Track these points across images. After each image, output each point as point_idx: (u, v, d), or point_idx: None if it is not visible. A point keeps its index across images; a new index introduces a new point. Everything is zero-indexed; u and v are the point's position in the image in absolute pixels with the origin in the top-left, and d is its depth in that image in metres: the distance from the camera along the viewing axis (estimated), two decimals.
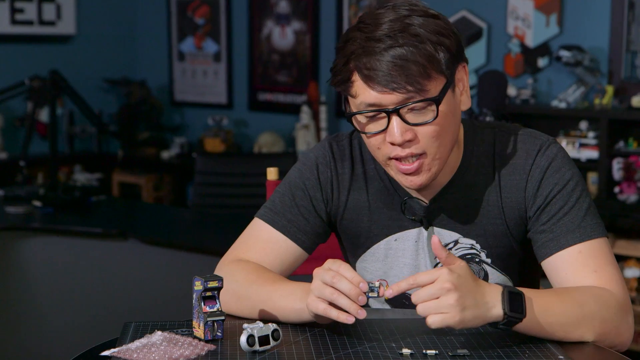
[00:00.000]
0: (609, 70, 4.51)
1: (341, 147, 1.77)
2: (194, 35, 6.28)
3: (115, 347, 1.46)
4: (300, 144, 5.45)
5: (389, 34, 1.53)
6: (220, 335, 1.51)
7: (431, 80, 1.54)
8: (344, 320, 1.45)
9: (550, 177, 1.65)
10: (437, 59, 1.54)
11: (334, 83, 1.61)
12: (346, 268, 1.48)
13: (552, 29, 4.70)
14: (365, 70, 1.54)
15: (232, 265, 1.70)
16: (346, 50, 1.57)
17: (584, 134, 4.47)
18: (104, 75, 6.29)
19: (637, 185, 4.34)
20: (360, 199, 1.75)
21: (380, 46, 1.53)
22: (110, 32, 6.38)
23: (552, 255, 1.62)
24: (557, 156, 1.66)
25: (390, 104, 1.54)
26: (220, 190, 4.34)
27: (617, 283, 1.60)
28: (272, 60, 5.90)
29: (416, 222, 1.71)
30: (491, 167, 1.69)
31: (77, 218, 3.79)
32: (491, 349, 1.48)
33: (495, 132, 1.71)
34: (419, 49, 1.52)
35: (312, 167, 1.77)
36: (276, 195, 1.78)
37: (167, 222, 4.02)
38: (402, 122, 1.55)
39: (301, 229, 1.74)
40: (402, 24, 1.54)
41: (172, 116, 6.49)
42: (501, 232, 1.69)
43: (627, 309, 1.58)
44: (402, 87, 1.52)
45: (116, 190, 6.04)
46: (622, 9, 4.44)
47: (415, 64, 1.52)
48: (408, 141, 1.57)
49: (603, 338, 1.54)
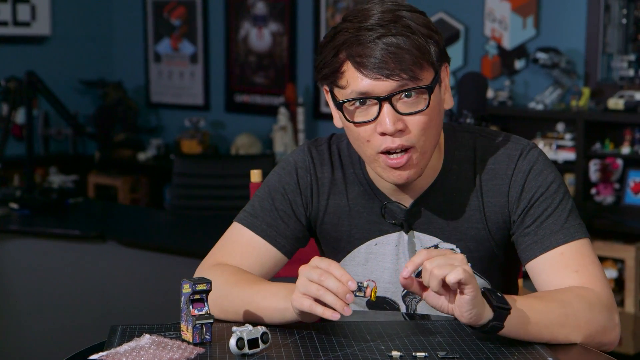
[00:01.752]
0: (585, 72, 4.54)
1: (320, 152, 1.77)
2: (170, 36, 6.26)
3: (103, 350, 1.45)
4: (278, 146, 5.44)
5: (381, 24, 1.54)
6: (209, 339, 1.50)
7: (423, 70, 1.56)
8: (329, 316, 1.44)
9: (533, 180, 1.66)
10: (428, 50, 1.56)
11: (321, 77, 1.61)
12: (336, 266, 1.48)
13: (529, 31, 4.73)
14: (358, 57, 1.54)
15: (212, 270, 1.69)
16: (336, 42, 1.57)
17: (561, 135, 4.50)
18: (79, 76, 6.26)
19: (614, 187, 4.37)
20: (340, 204, 1.74)
21: (372, 35, 1.54)
22: (85, 33, 6.35)
23: (536, 258, 1.63)
24: (538, 160, 1.67)
25: (383, 92, 1.55)
26: (198, 192, 4.33)
27: (600, 282, 1.60)
28: (249, 61, 5.89)
29: (396, 226, 1.71)
30: (472, 172, 1.69)
31: (54, 220, 3.76)
32: (480, 352, 1.48)
33: (475, 136, 1.72)
34: (412, 39, 1.54)
35: (291, 172, 1.76)
36: (255, 200, 1.77)
37: (146, 224, 4.00)
38: (393, 111, 1.55)
39: (281, 233, 1.73)
40: (393, 15, 1.55)
41: (148, 118, 6.46)
42: (482, 236, 1.69)
43: (611, 307, 1.59)
44: (395, 74, 1.53)
45: (92, 192, 6.01)
46: (598, 11, 4.47)
47: (409, 53, 1.53)
48: (399, 131, 1.56)
49: (590, 338, 1.54)
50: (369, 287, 1.48)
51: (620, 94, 4.31)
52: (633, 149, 4.31)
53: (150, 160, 6.01)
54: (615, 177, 4.38)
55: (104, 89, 6.18)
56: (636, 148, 4.30)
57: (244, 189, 4.31)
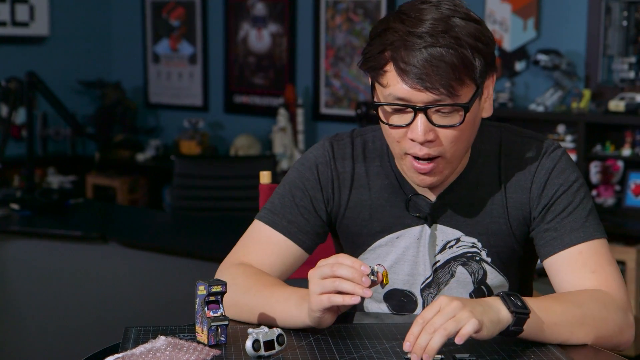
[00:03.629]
0: (586, 75, 4.55)
1: (342, 146, 1.76)
2: (169, 37, 6.25)
3: (119, 352, 1.44)
4: (277, 147, 5.44)
5: (431, 32, 1.52)
6: (224, 340, 1.50)
7: (463, 86, 1.54)
8: (349, 301, 1.44)
9: (556, 177, 1.66)
10: (473, 65, 1.54)
11: (366, 67, 1.60)
12: (344, 256, 1.49)
13: (530, 33, 4.73)
14: (402, 63, 1.53)
15: (233, 269, 1.69)
16: (384, 39, 1.56)
17: (562, 137, 4.50)
18: (78, 76, 6.24)
19: (615, 189, 4.38)
20: (362, 198, 1.74)
21: (420, 43, 1.52)
22: (84, 34, 6.33)
23: (555, 255, 1.64)
24: (561, 159, 1.68)
25: (420, 102, 1.54)
26: (199, 193, 4.32)
27: (616, 283, 1.61)
28: (248, 62, 5.88)
29: (420, 220, 1.71)
30: (497, 166, 1.70)
31: (55, 221, 3.75)
32: (496, 354, 1.48)
33: (502, 131, 1.72)
34: (458, 52, 1.52)
35: (311, 167, 1.76)
36: (276, 197, 1.77)
37: (147, 224, 3.99)
38: (427, 122, 1.55)
39: (302, 229, 1.73)
40: (445, 24, 1.53)
41: (147, 118, 6.45)
42: (504, 231, 1.70)
43: (626, 308, 1.60)
44: (434, 87, 1.52)
45: (90, 193, 5.99)
46: (598, 13, 4.47)
47: (452, 67, 1.52)
48: (429, 141, 1.57)
49: (606, 339, 1.55)
50: (379, 272, 1.48)
51: (621, 96, 4.31)
52: (634, 151, 4.31)
53: (149, 161, 5.99)
54: (616, 179, 4.38)
55: (103, 90, 6.17)
56: (637, 150, 4.30)
57: (245, 190, 4.36)
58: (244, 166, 4.50)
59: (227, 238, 3.54)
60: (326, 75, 5.52)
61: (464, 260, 1.71)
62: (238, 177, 4.38)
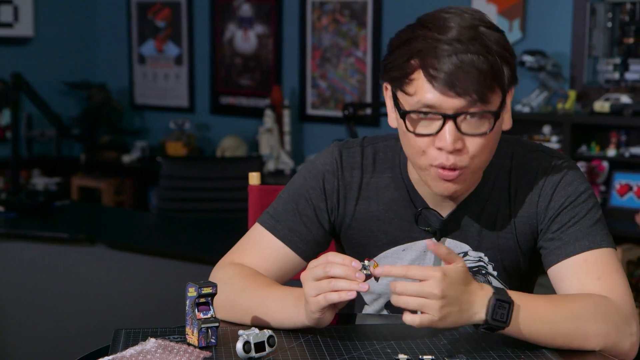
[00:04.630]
0: (571, 76, 4.57)
1: (351, 155, 1.74)
2: (155, 38, 6.23)
3: (109, 354, 1.44)
4: (264, 148, 5.43)
5: (460, 39, 1.50)
6: (215, 342, 1.50)
7: (493, 94, 1.52)
8: (346, 297, 1.45)
9: (562, 190, 1.65)
10: (502, 73, 1.53)
11: (388, 78, 1.58)
12: (333, 254, 1.48)
13: (515, 34, 4.75)
14: (432, 70, 1.50)
15: (229, 269, 1.69)
16: (410, 47, 1.53)
17: (547, 138, 4.51)
18: (63, 78, 6.22)
19: (600, 189, 4.40)
20: (369, 209, 1.72)
21: (450, 49, 1.50)
22: (69, 34, 6.31)
23: (559, 263, 1.62)
24: (568, 172, 1.67)
25: (450, 109, 1.52)
26: (186, 195, 4.31)
27: (622, 291, 1.59)
28: (234, 63, 5.88)
29: (427, 233, 1.70)
30: (507, 182, 1.69)
31: (41, 223, 3.74)
32: (487, 355, 1.48)
33: (514, 146, 1.71)
34: (489, 60, 1.50)
35: (317, 176, 1.73)
36: (279, 202, 1.75)
37: (134, 226, 3.98)
38: (455, 130, 1.53)
39: (302, 238, 1.72)
40: (474, 32, 1.51)
41: (132, 120, 6.43)
42: (511, 246, 1.69)
43: (630, 318, 1.56)
44: (466, 93, 1.50)
45: (76, 195, 5.97)
46: (583, 14, 4.49)
47: (483, 74, 1.49)
48: (457, 150, 1.54)
49: (605, 345, 1.53)
50: (370, 266, 1.49)
51: (606, 96, 4.33)
52: (619, 152, 4.33)
53: (135, 163, 5.98)
54: (601, 180, 4.40)
55: (88, 91, 6.14)
56: (622, 150, 4.32)
57: (232, 191, 4.36)
58: (230, 167, 4.50)
59: (214, 239, 3.54)
60: (312, 76, 5.53)
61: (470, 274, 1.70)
62: (225, 178, 4.37)
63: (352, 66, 5.35)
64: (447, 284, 1.43)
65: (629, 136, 4.38)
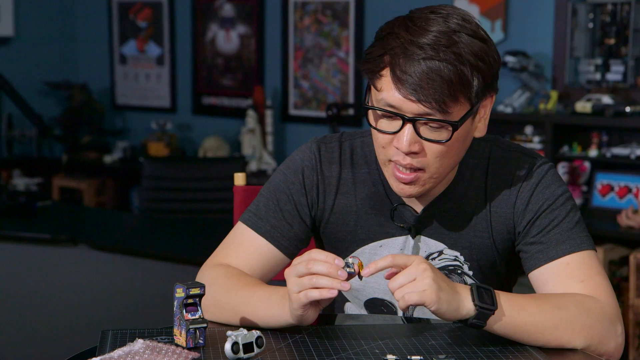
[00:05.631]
0: (553, 76, 4.59)
1: (329, 150, 1.75)
2: (137, 38, 6.21)
3: (96, 356, 1.43)
4: (246, 148, 5.42)
5: (432, 45, 1.50)
6: (202, 343, 1.49)
7: (456, 104, 1.52)
8: (327, 294, 1.45)
9: (540, 193, 1.65)
10: (470, 84, 1.52)
11: (364, 68, 1.58)
12: (317, 251, 1.48)
13: (497, 34, 4.76)
14: (399, 71, 1.51)
15: (214, 270, 1.69)
16: (386, 43, 1.54)
17: (530, 138, 4.53)
18: (43, 78, 6.18)
19: (582, 189, 4.42)
20: (347, 204, 1.73)
21: (420, 53, 1.50)
22: (50, 34, 6.27)
23: (540, 267, 1.62)
24: (547, 174, 1.67)
25: (410, 113, 1.53)
26: (168, 195, 4.30)
27: (606, 293, 1.59)
28: (216, 64, 5.86)
29: (404, 230, 1.71)
30: (483, 181, 1.69)
31: (23, 224, 3.72)
32: (475, 355, 1.48)
33: (491, 145, 1.71)
34: (457, 69, 1.50)
35: (297, 171, 1.75)
36: (260, 200, 1.76)
37: (116, 227, 3.96)
38: (414, 133, 1.54)
39: (284, 234, 1.72)
40: (449, 38, 1.50)
41: (114, 120, 6.40)
42: (486, 245, 1.69)
43: (613, 318, 1.57)
44: (427, 100, 1.50)
45: (57, 195, 5.93)
46: (565, 15, 4.51)
47: (448, 83, 1.49)
48: (413, 152, 1.55)
49: (586, 345, 1.53)
50: (355, 264, 1.48)
51: (588, 97, 4.35)
52: (600, 152, 4.35)
53: (117, 163, 5.95)
54: (583, 180, 4.42)
55: (69, 91, 6.11)
56: (604, 151, 4.34)
57: (215, 192, 4.35)
58: (213, 168, 4.48)
59: (197, 240, 3.54)
60: (295, 76, 5.52)
61: (445, 273, 1.70)
62: (207, 178, 4.36)
63: (334, 66, 5.35)
64: (431, 266, 1.46)
65: (611, 136, 4.40)
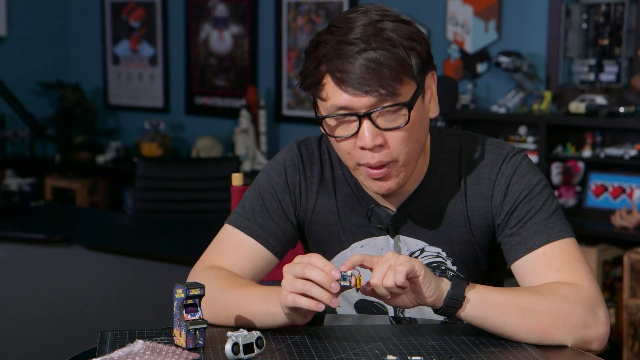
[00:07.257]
0: (547, 77, 4.59)
1: (310, 151, 1.76)
2: (129, 38, 6.20)
3: (96, 357, 1.42)
4: (239, 149, 5.42)
5: (362, 38, 1.53)
6: (202, 344, 1.49)
7: (403, 85, 1.54)
8: (314, 307, 1.45)
9: (516, 183, 1.66)
10: (409, 63, 1.54)
11: (304, 86, 1.60)
12: (317, 257, 1.48)
13: (491, 35, 4.77)
14: (338, 72, 1.53)
15: (205, 272, 1.68)
16: (318, 53, 1.56)
17: (523, 139, 4.54)
18: (36, 78, 6.16)
19: (575, 190, 4.43)
20: (328, 204, 1.74)
21: (353, 49, 1.52)
22: (42, 34, 6.25)
23: (520, 259, 1.63)
24: (521, 164, 1.68)
25: (362, 108, 1.54)
26: (162, 195, 4.29)
27: (583, 278, 1.59)
28: (209, 64, 5.85)
29: (382, 230, 1.71)
30: (457, 175, 1.70)
31: (17, 224, 3.71)
32: (473, 354, 1.48)
33: (462, 139, 1.72)
34: (392, 53, 1.53)
35: (280, 171, 1.76)
36: (246, 200, 1.77)
37: (110, 227, 3.95)
38: (373, 127, 1.55)
39: (272, 233, 1.73)
40: (375, 28, 1.54)
41: (106, 120, 6.39)
42: (466, 240, 1.70)
43: (593, 303, 1.56)
44: (374, 90, 1.52)
45: (49, 195, 5.92)
46: (559, 16, 4.52)
47: (388, 68, 1.52)
48: (378, 146, 1.56)
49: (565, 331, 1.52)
50: (353, 277, 1.48)
51: (582, 97, 4.36)
52: (594, 152, 4.36)
53: (110, 163, 5.94)
54: (577, 180, 4.43)
55: (62, 91, 6.10)
56: (597, 151, 4.35)
57: (208, 192, 4.34)
58: (206, 168, 4.48)
59: (190, 240, 3.53)
60: (288, 76, 5.52)
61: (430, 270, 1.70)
62: (201, 179, 4.36)
63: None
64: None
65: (604, 137, 4.41)
